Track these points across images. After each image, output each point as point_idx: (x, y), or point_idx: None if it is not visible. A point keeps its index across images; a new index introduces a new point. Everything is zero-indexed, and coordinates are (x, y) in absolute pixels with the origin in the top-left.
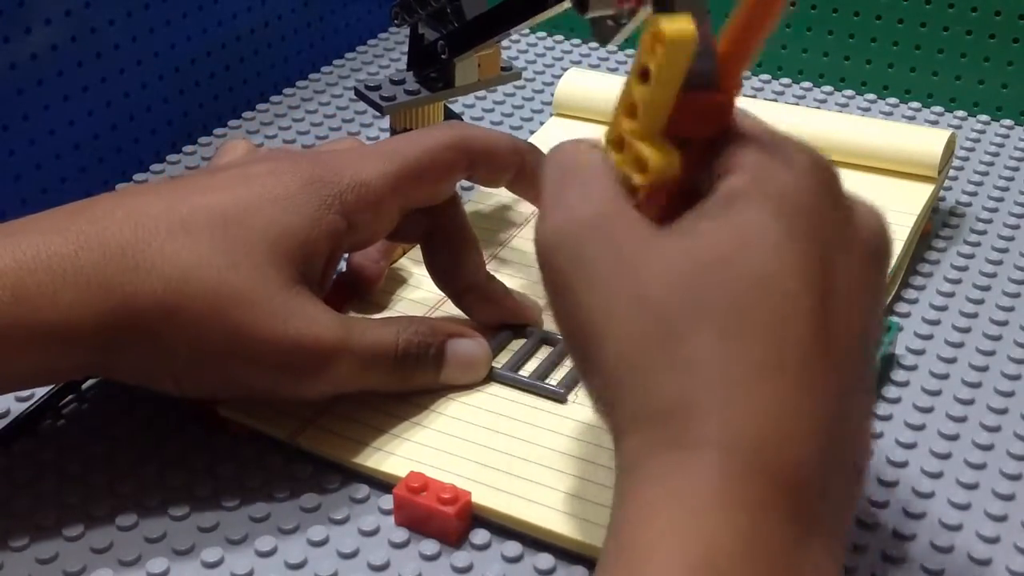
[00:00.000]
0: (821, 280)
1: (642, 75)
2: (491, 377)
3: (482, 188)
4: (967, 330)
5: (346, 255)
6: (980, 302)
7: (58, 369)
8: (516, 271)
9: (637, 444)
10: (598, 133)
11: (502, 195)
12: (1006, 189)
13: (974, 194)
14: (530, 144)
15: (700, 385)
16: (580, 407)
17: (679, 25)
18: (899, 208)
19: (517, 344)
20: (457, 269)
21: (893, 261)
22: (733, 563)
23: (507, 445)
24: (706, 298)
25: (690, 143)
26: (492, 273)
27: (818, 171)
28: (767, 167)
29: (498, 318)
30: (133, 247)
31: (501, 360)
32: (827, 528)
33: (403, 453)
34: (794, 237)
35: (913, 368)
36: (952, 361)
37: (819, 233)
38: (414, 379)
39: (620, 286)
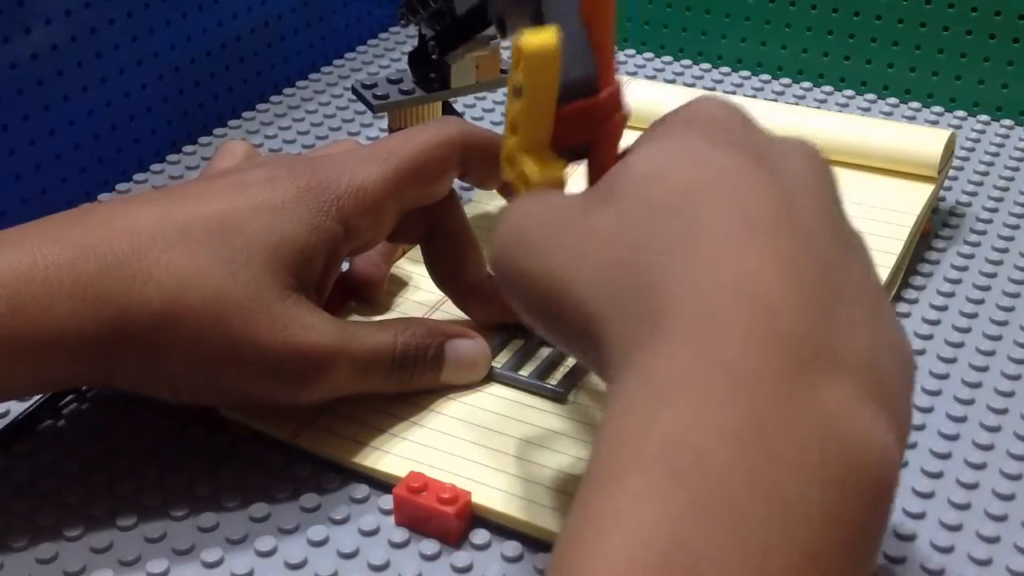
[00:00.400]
0: (766, 169)
1: (516, 91)
2: (491, 377)
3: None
4: (967, 330)
5: (347, 259)
6: (980, 302)
7: (55, 380)
8: None
9: (611, 345)
10: None
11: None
12: (1006, 189)
13: (974, 194)
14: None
15: (662, 261)
16: (580, 407)
17: (540, 39)
18: (899, 208)
19: (517, 344)
20: (457, 269)
21: (894, 261)
22: (709, 438)
23: (507, 445)
24: (654, 203)
25: (581, 153)
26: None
27: (725, 104)
28: (676, 112)
29: (498, 318)
30: (130, 258)
31: (501, 360)
32: (847, 377)
33: (403, 453)
34: (724, 138)
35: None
36: (952, 361)
37: (740, 134)
38: (413, 381)
39: (572, 238)
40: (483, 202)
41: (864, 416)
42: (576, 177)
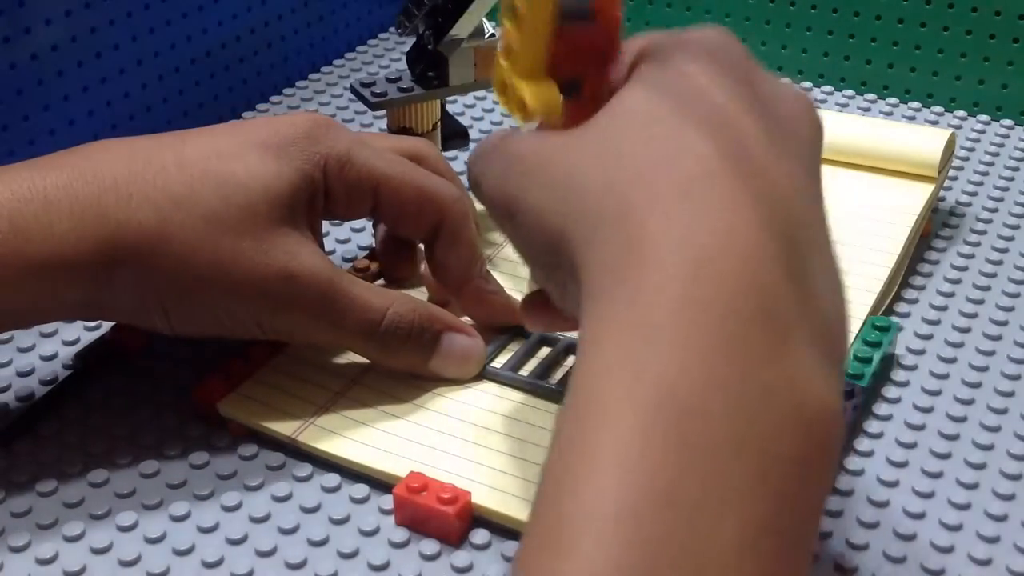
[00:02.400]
0: (750, 100)
1: (512, 13)
2: (490, 376)
3: None
4: (967, 330)
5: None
6: (980, 302)
7: (55, 306)
8: (516, 271)
9: (589, 271)
10: None
11: None
12: (1006, 189)
13: (974, 194)
14: (460, 195)
15: (650, 195)
16: None
17: None
18: (899, 208)
19: (516, 345)
20: (460, 270)
21: (894, 261)
22: (696, 392)
23: (507, 445)
24: (644, 137)
25: (582, 81)
26: (492, 274)
27: (726, 34)
28: (675, 40)
29: (498, 319)
30: (127, 179)
31: (501, 360)
32: (812, 336)
33: (403, 453)
34: (713, 72)
35: (913, 368)
36: (952, 361)
37: (739, 71)
38: (399, 357)
39: (555, 169)
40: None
41: (825, 382)
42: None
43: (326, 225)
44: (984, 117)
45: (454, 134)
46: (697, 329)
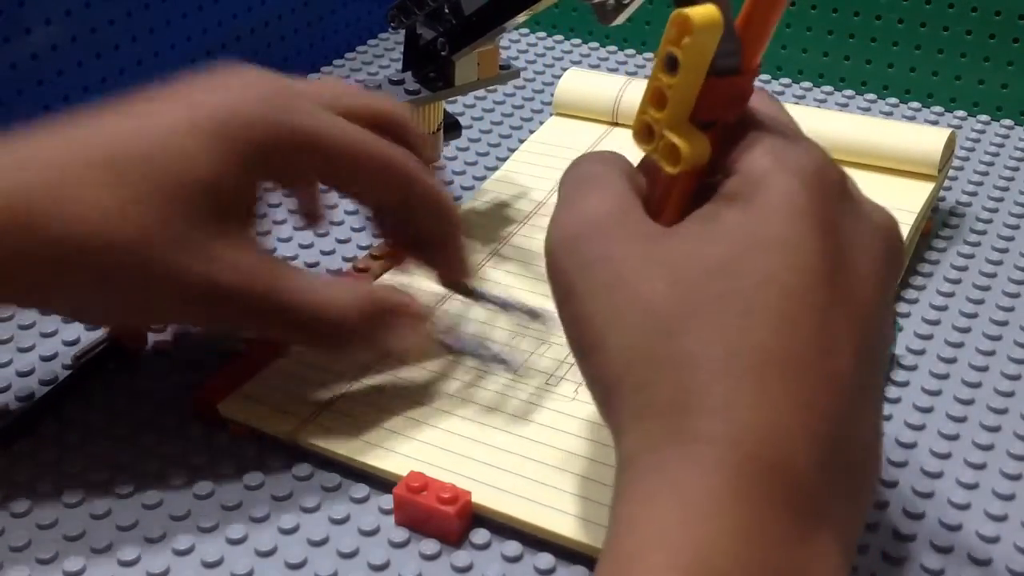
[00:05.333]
0: (832, 275)
1: (669, 64)
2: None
3: (485, 186)
4: (967, 330)
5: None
6: (980, 302)
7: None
8: (517, 268)
9: (637, 439)
10: (598, 133)
11: (501, 193)
12: (1006, 189)
13: (974, 194)
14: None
15: (702, 379)
16: (581, 404)
17: (706, 11)
18: (899, 207)
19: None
20: (435, 232)
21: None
22: (730, 561)
23: (508, 444)
24: (710, 296)
25: (709, 128)
26: (490, 267)
27: (829, 164)
28: (782, 157)
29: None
30: (57, 190)
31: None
32: (835, 522)
33: (403, 452)
34: (807, 232)
35: (913, 368)
36: (952, 361)
37: (833, 229)
38: (346, 350)
39: (623, 288)
40: (483, 201)
41: (833, 571)
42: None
43: (324, 223)
44: (984, 117)
45: (447, 126)
46: (735, 516)
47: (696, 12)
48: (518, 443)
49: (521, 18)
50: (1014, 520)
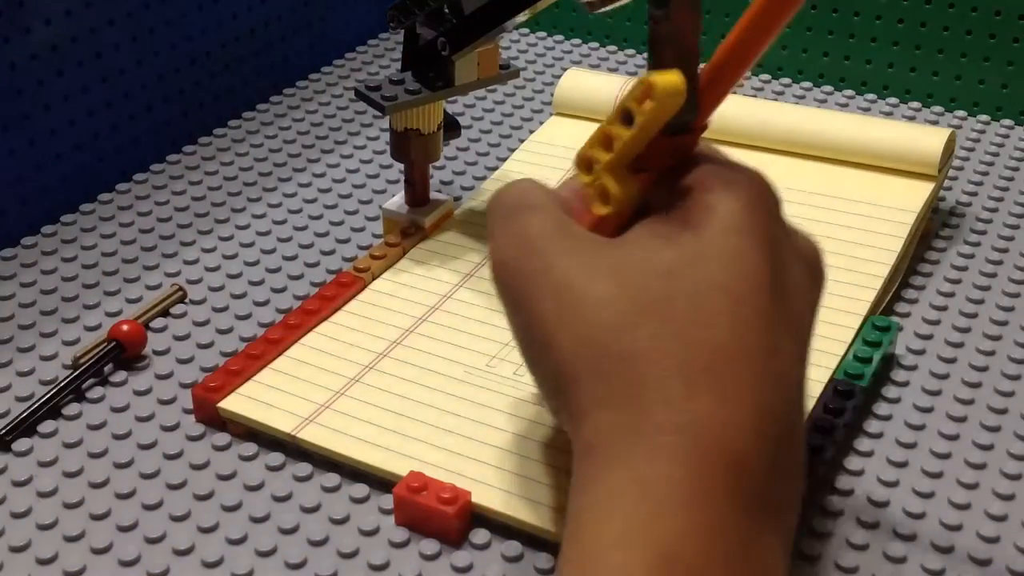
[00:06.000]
0: (773, 285)
1: (624, 119)
2: None
3: (485, 186)
4: (967, 330)
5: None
6: (980, 302)
7: None
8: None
9: (598, 427)
10: None
11: None
12: (1006, 189)
13: (974, 194)
14: None
15: (657, 374)
16: None
17: (671, 82)
18: (899, 207)
19: None
20: None
21: (894, 260)
22: (698, 557)
23: (508, 444)
24: (658, 297)
25: (649, 168)
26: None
27: (768, 191)
28: (727, 184)
29: None
30: None
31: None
32: (779, 518)
33: (403, 452)
34: (751, 246)
35: (913, 368)
36: (952, 361)
37: (772, 246)
38: None
39: (570, 292)
40: (483, 201)
41: (783, 565)
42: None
43: (325, 224)
44: (984, 117)
45: (447, 126)
46: (695, 507)
47: (661, 81)
48: (518, 443)
49: (521, 18)
50: (1014, 520)
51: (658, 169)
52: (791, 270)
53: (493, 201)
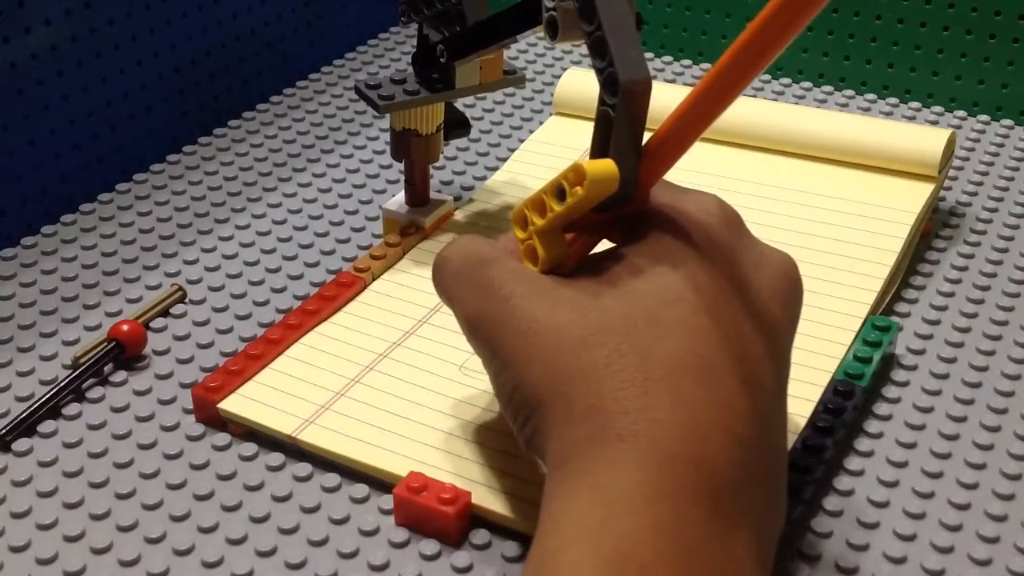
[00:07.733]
0: (737, 294)
1: (558, 195)
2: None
3: (485, 186)
4: (967, 330)
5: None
6: (980, 302)
7: None
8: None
9: (562, 444)
10: None
11: (502, 192)
12: (1006, 189)
13: (974, 194)
14: None
15: (614, 385)
16: None
17: (603, 171)
18: (899, 207)
19: None
20: None
21: (894, 260)
22: (651, 553)
23: (508, 445)
24: (616, 316)
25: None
26: None
27: (724, 206)
28: (685, 195)
29: None
30: None
31: None
32: (754, 519)
33: (404, 452)
34: (709, 260)
35: (913, 368)
36: (952, 361)
37: (732, 256)
38: None
39: (535, 329)
40: (487, 201)
41: (753, 566)
42: None
43: (325, 224)
44: (984, 117)
45: (455, 124)
46: (657, 509)
47: (594, 170)
48: (518, 444)
49: (522, 38)
50: (1014, 520)
51: (594, 232)
52: (762, 281)
53: (440, 263)
